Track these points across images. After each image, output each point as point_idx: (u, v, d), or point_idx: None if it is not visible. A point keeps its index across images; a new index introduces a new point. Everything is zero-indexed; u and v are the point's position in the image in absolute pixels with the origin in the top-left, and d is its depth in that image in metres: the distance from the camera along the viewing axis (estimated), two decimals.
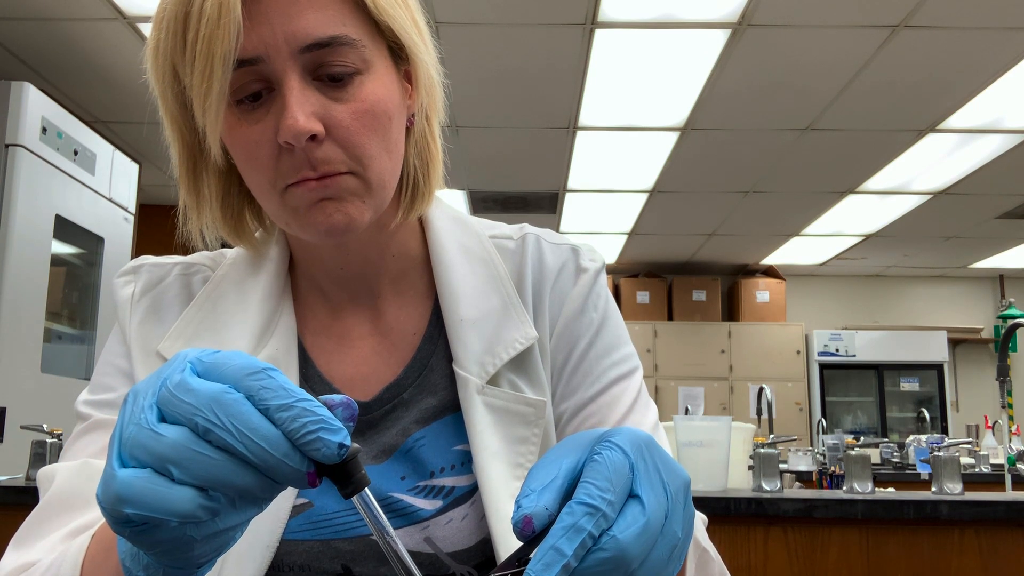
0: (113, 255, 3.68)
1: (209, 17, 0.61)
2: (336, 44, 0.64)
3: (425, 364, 0.76)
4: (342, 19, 0.64)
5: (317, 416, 0.42)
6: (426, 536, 0.69)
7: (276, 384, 0.42)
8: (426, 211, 0.78)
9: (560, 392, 0.76)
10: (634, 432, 0.46)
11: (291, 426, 0.42)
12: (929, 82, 3.86)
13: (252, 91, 0.64)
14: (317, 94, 0.64)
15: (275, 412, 0.42)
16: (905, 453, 4.42)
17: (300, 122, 0.62)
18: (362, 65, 0.66)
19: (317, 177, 0.65)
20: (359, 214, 0.67)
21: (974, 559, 2.02)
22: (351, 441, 0.43)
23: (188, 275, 0.79)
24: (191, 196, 0.74)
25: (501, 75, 3.80)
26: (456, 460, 0.72)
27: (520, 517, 0.43)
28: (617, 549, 0.41)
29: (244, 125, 0.65)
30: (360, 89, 0.66)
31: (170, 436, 0.41)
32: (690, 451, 2.15)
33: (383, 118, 0.67)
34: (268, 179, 0.66)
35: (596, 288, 0.79)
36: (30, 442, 2.33)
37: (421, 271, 0.79)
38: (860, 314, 8.12)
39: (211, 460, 0.41)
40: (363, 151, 0.66)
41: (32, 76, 3.78)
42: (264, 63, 0.63)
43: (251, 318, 0.74)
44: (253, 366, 0.43)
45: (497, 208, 5.93)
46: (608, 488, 0.42)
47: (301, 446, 0.42)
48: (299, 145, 0.63)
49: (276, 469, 0.42)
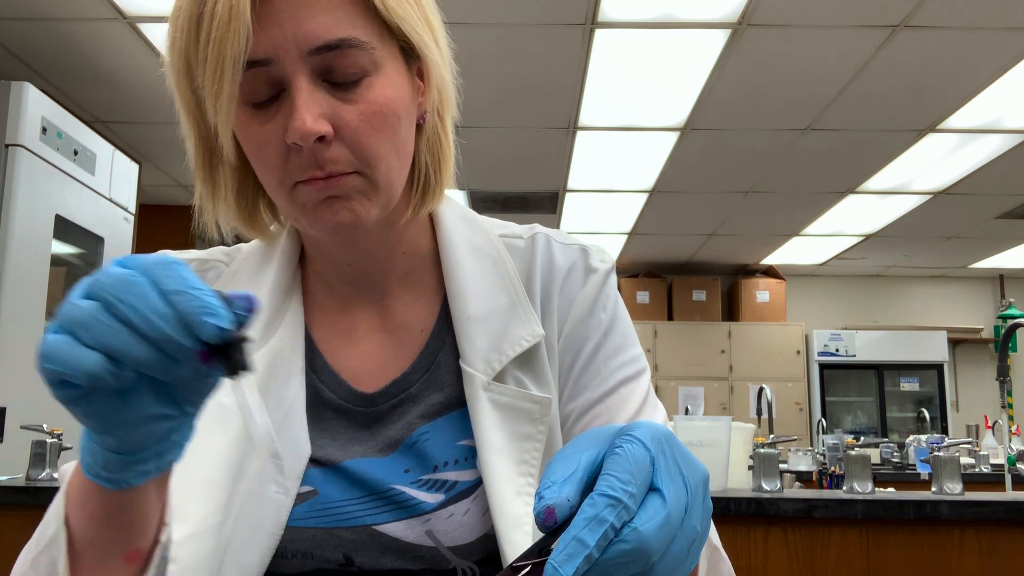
0: (113, 255, 3.68)
1: (220, 19, 0.62)
2: (345, 46, 0.64)
3: (432, 360, 0.76)
4: (351, 21, 0.65)
5: (204, 301, 0.47)
6: (427, 529, 0.70)
7: (176, 274, 0.48)
8: (437, 208, 0.79)
9: (568, 392, 0.76)
10: (654, 426, 0.46)
11: (181, 307, 0.47)
12: (929, 82, 3.86)
13: (263, 91, 0.66)
14: (326, 95, 0.65)
15: (171, 295, 0.47)
16: (905, 453, 4.43)
17: (307, 124, 0.63)
18: (371, 66, 0.66)
19: (324, 177, 0.66)
20: (365, 212, 0.68)
21: (974, 559, 2.02)
22: (245, 333, 0.49)
23: (202, 272, 0.81)
24: (207, 188, 0.75)
25: (501, 75, 3.80)
26: (460, 455, 0.72)
27: (543, 508, 0.43)
28: (639, 541, 0.42)
29: (255, 124, 0.66)
30: (369, 90, 0.66)
31: (83, 307, 0.47)
32: (690, 451, 2.15)
33: (391, 119, 0.68)
34: (277, 177, 0.67)
35: (606, 289, 0.79)
36: (30, 442, 2.33)
37: (431, 268, 0.80)
38: (860, 314, 8.12)
39: (113, 329, 0.47)
40: (371, 152, 0.67)
41: (32, 76, 3.78)
42: (274, 64, 0.64)
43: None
44: (164, 260, 0.49)
45: (497, 208, 5.93)
46: (630, 481, 0.43)
47: (188, 325, 0.47)
48: (307, 146, 0.64)
49: (167, 343, 0.47)
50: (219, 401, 0.70)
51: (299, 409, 0.73)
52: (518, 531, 0.67)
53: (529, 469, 0.71)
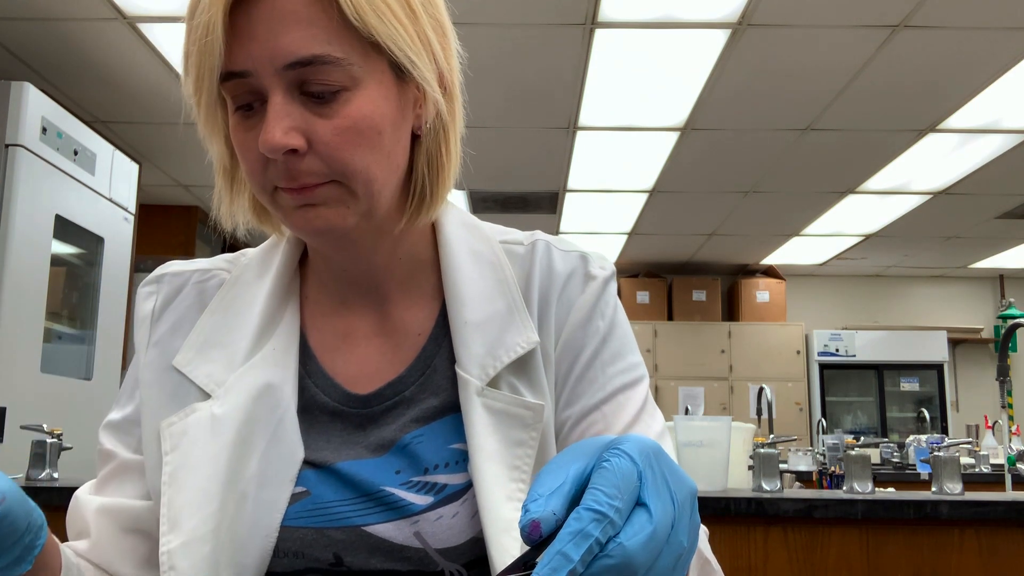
0: (113, 255, 3.68)
1: (200, 32, 0.65)
2: (318, 63, 0.65)
3: (428, 364, 0.76)
4: (327, 37, 0.65)
5: None
6: (416, 531, 0.70)
7: None
8: (435, 217, 0.79)
9: (565, 398, 0.76)
10: (642, 440, 0.46)
11: None
12: (929, 82, 3.86)
13: (247, 100, 0.67)
14: (301, 109, 0.66)
15: None
16: (905, 453, 4.43)
17: (276, 138, 0.65)
18: (348, 82, 0.66)
19: (298, 188, 0.67)
20: (341, 219, 0.69)
21: (974, 559, 2.02)
22: None
23: (204, 282, 0.82)
24: (226, 184, 0.77)
25: (501, 75, 3.80)
26: (451, 458, 0.73)
27: (528, 521, 0.43)
28: (623, 556, 0.42)
29: (241, 131, 0.69)
30: (345, 106, 0.66)
31: None
32: (690, 451, 2.15)
33: (369, 133, 0.68)
34: (259, 182, 0.69)
35: (604, 296, 0.79)
36: (30, 442, 2.33)
37: (429, 274, 0.80)
38: (860, 314, 8.12)
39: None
40: (346, 166, 0.67)
41: (32, 76, 3.78)
42: (253, 77, 0.66)
43: (253, 319, 0.77)
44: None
45: (497, 208, 5.93)
46: (616, 495, 0.43)
47: None
48: (275, 158, 0.66)
49: None
50: (213, 412, 0.73)
51: (292, 414, 0.74)
52: (507, 535, 0.67)
53: (520, 475, 0.71)
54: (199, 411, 0.73)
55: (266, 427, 0.73)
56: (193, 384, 0.75)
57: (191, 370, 0.76)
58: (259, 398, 0.73)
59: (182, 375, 0.76)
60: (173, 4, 3.24)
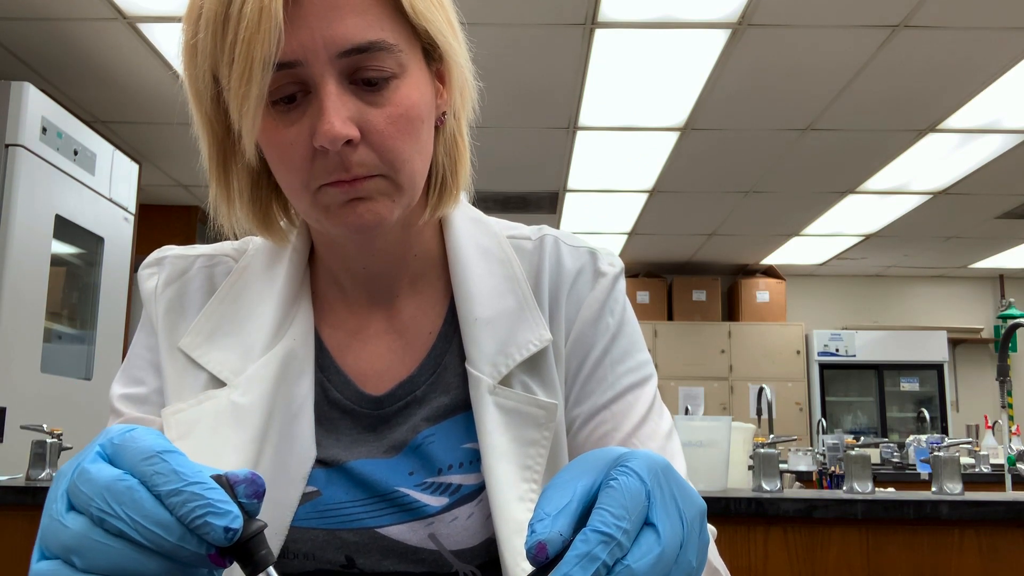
0: (113, 255, 3.68)
1: (249, 20, 0.60)
2: (374, 49, 0.64)
3: (439, 363, 0.76)
4: (380, 24, 0.64)
5: (205, 500, 0.42)
6: (431, 532, 0.69)
7: (168, 468, 0.43)
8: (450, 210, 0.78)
9: (574, 397, 0.76)
10: (651, 457, 0.46)
11: (181, 511, 0.42)
12: (929, 82, 3.86)
13: (288, 93, 0.64)
14: (353, 99, 0.65)
15: (167, 497, 0.42)
16: (905, 453, 4.43)
17: (336, 127, 0.62)
18: (398, 69, 0.66)
19: (350, 180, 0.65)
20: (388, 213, 0.67)
21: (974, 559, 2.02)
22: (257, 516, 0.44)
23: (211, 267, 0.79)
24: (221, 190, 0.74)
25: (501, 75, 3.80)
26: (465, 458, 0.72)
27: (534, 543, 0.43)
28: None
29: (280, 127, 0.65)
30: (395, 93, 0.66)
31: (72, 526, 0.42)
32: (690, 451, 2.15)
33: (416, 121, 0.67)
34: (301, 179, 0.66)
35: (614, 293, 0.78)
36: (30, 442, 2.33)
37: (439, 271, 0.79)
38: (860, 314, 8.12)
39: (110, 548, 0.42)
40: (396, 155, 0.66)
41: (32, 76, 3.78)
42: (302, 67, 0.63)
43: (269, 311, 0.75)
44: (149, 450, 0.43)
45: (497, 208, 5.92)
46: (624, 516, 0.42)
47: (193, 530, 0.42)
48: (335, 149, 0.63)
49: (174, 553, 0.42)
50: (235, 401, 0.70)
51: (308, 409, 0.73)
52: (519, 537, 0.66)
53: (533, 475, 0.70)
54: (216, 398, 0.71)
55: (282, 422, 0.71)
56: (203, 370, 0.73)
57: (200, 355, 0.74)
58: (278, 391, 0.72)
59: (189, 359, 0.74)
60: (173, 4, 3.23)
